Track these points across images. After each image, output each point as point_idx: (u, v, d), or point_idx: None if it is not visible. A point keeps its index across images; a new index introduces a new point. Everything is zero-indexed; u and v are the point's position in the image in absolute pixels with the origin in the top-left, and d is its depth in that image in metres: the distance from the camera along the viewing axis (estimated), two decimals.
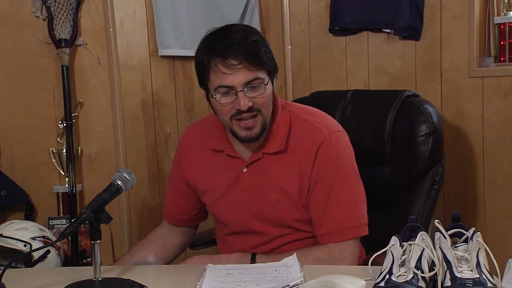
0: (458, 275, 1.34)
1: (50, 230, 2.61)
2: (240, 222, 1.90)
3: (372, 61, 2.90)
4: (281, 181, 1.83)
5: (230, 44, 1.72)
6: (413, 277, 1.35)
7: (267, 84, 1.75)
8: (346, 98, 2.31)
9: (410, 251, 1.40)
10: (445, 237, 1.44)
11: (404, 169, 2.12)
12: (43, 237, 2.32)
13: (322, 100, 2.36)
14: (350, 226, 1.78)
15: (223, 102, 1.75)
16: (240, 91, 1.72)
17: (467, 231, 1.47)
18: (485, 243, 1.41)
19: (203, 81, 1.80)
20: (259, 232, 1.88)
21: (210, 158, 1.93)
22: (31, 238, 2.27)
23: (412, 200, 2.12)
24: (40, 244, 2.24)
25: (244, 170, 1.87)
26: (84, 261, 2.70)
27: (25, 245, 2.23)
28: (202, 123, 2.04)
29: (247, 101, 1.73)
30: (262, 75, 1.75)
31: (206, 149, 1.94)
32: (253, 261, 1.79)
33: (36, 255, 2.24)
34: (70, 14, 2.68)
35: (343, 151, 1.82)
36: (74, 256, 2.67)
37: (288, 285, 1.50)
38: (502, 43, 2.78)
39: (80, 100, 2.76)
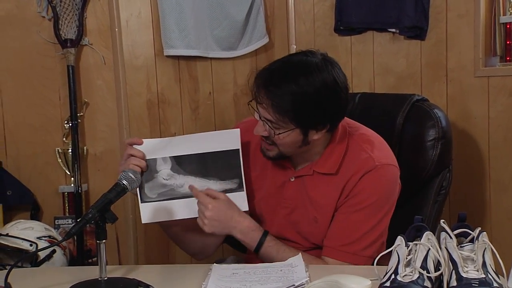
0: (464, 275, 1.34)
1: (56, 230, 2.62)
2: (275, 227, 1.90)
3: (378, 60, 2.90)
4: (322, 201, 1.83)
5: (264, 80, 1.71)
6: (418, 277, 1.35)
7: (286, 134, 1.73)
8: (354, 101, 2.31)
9: (415, 251, 1.40)
10: (451, 237, 1.44)
11: (412, 173, 2.11)
12: (49, 236, 2.32)
13: None
14: (353, 252, 1.78)
15: (255, 117, 1.79)
16: (260, 120, 1.75)
17: (473, 231, 1.46)
18: (491, 243, 1.41)
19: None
20: (291, 241, 1.89)
21: (260, 158, 1.93)
22: (37, 238, 2.27)
23: (419, 205, 2.11)
24: (46, 244, 2.24)
25: (292, 180, 1.88)
26: (90, 260, 2.71)
27: (31, 245, 2.23)
28: (255, 121, 2.04)
29: (262, 130, 1.76)
30: (287, 124, 1.71)
31: (258, 151, 1.93)
32: (263, 238, 1.80)
33: (42, 254, 2.24)
34: (76, 14, 2.69)
35: (385, 185, 1.81)
36: (80, 256, 2.68)
37: (294, 285, 1.50)
38: (508, 42, 2.77)
39: (86, 100, 2.77)
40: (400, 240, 1.45)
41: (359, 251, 1.77)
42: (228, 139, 1.82)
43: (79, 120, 2.72)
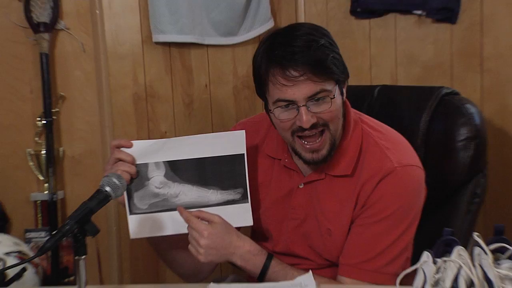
0: None
1: (27, 244, 2.62)
2: (284, 242, 1.92)
3: (401, 48, 2.90)
4: (336, 209, 1.84)
5: (291, 52, 1.69)
6: None
7: (334, 97, 1.74)
8: (372, 94, 2.31)
9: (445, 268, 1.41)
10: (486, 253, 1.44)
11: (439, 179, 2.11)
12: (19, 252, 2.32)
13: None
14: (372, 269, 1.78)
15: (283, 118, 1.76)
16: (303, 105, 1.72)
17: (511, 246, 1.47)
18: None
19: (261, 91, 1.81)
20: (302, 257, 1.90)
21: (263, 163, 1.94)
22: (5, 254, 2.27)
23: (448, 216, 2.11)
24: (16, 261, 2.24)
25: (301, 186, 1.89)
26: (67, 280, 2.71)
27: None
28: (257, 121, 2.04)
29: (310, 117, 1.72)
30: (329, 86, 1.73)
31: (260, 153, 1.95)
32: (267, 262, 1.81)
33: (10, 273, 2.24)
34: None
35: (408, 191, 1.80)
36: (55, 274, 2.69)
37: None
38: None
39: (62, 94, 2.78)
40: (426, 256, 1.46)
41: (380, 268, 1.78)
42: (231, 142, 1.83)
43: (54, 117, 2.73)
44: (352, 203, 1.81)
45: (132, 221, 1.84)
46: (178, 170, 1.83)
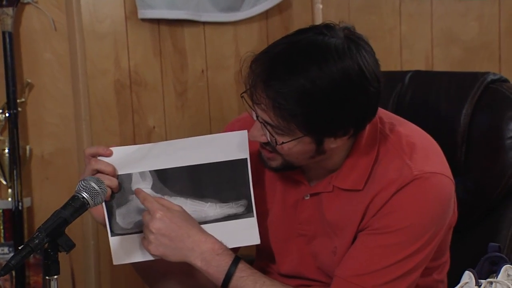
0: None
1: None
2: (290, 262, 1.91)
3: (438, 25, 2.90)
4: (342, 225, 1.83)
5: (267, 73, 1.68)
6: None
7: (294, 143, 1.71)
8: (403, 82, 2.31)
9: None
10: None
11: (483, 184, 2.11)
12: None
13: None
14: (364, 286, 1.76)
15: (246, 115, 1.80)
16: (257, 121, 1.74)
17: None
18: None
19: None
20: (311, 279, 1.90)
21: (265, 174, 1.94)
22: None
23: (494, 228, 2.11)
24: None
25: (307, 198, 1.89)
26: None
27: None
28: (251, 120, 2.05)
29: (260, 135, 1.75)
30: (294, 131, 1.69)
31: (259, 159, 1.92)
32: (233, 265, 1.78)
33: None
34: None
35: (431, 205, 1.77)
36: None
37: None
38: None
39: (29, 81, 2.78)
40: (468, 276, 1.46)
41: (378, 286, 1.76)
42: (231, 145, 1.82)
43: (19, 109, 2.73)
44: (358, 217, 1.80)
45: (115, 243, 1.82)
46: (168, 180, 1.82)
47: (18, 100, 2.72)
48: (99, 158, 1.80)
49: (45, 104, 2.80)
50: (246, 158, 1.82)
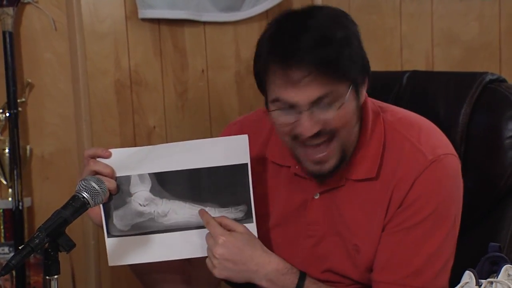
0: None
1: None
2: (297, 265, 1.89)
3: (438, 25, 2.90)
4: (363, 220, 1.83)
5: (296, 49, 1.66)
6: None
7: (345, 101, 1.70)
8: (401, 82, 2.31)
9: None
10: None
11: (483, 183, 2.11)
12: None
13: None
14: (422, 284, 1.77)
15: (281, 122, 1.74)
16: (305, 110, 1.69)
17: None
18: None
19: (261, 84, 1.79)
20: (322, 281, 1.89)
21: (268, 172, 1.93)
22: None
23: (494, 228, 2.11)
24: None
25: (316, 197, 1.88)
26: None
27: None
28: (256, 119, 2.02)
29: (313, 123, 1.69)
30: (341, 89, 1.70)
31: (263, 160, 1.93)
32: (300, 283, 1.80)
33: None
34: None
35: (448, 185, 1.81)
36: None
37: None
38: None
39: (29, 81, 2.78)
40: (468, 276, 1.46)
41: (429, 282, 1.77)
42: (231, 150, 1.81)
43: (19, 109, 2.73)
44: (382, 210, 1.80)
45: (111, 245, 1.82)
46: (166, 183, 1.82)
47: (18, 100, 2.73)
48: (98, 159, 1.80)
49: (46, 104, 2.81)
50: (247, 163, 1.81)
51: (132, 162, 1.80)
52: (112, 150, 1.80)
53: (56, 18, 2.76)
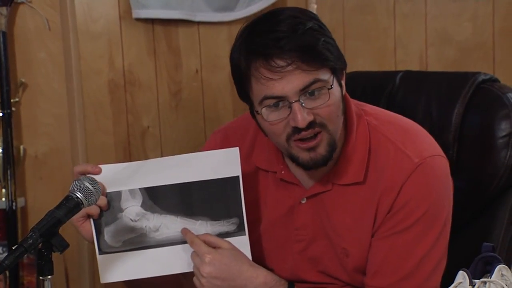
0: None
1: None
2: (289, 269, 1.91)
3: (432, 25, 2.90)
4: (351, 225, 1.83)
5: (275, 38, 1.68)
6: None
7: (331, 88, 1.72)
8: (394, 82, 2.31)
9: None
10: None
11: (476, 183, 2.11)
12: None
13: (360, 84, 2.36)
14: (416, 286, 1.78)
15: (272, 120, 1.73)
16: (295, 101, 1.70)
17: None
18: None
19: (244, 92, 1.79)
20: (312, 282, 1.90)
21: (254, 178, 1.93)
22: None
23: (486, 228, 2.11)
24: None
25: (303, 202, 1.88)
26: None
27: None
28: (241, 124, 2.02)
29: (305, 114, 1.70)
30: (324, 75, 1.72)
31: (249, 166, 1.93)
32: None
33: None
34: None
35: (437, 187, 1.81)
36: None
37: None
38: None
39: (23, 80, 2.78)
40: (462, 276, 1.46)
41: (421, 283, 1.78)
42: (222, 162, 1.81)
43: (13, 109, 2.73)
44: (370, 214, 1.81)
45: (103, 262, 1.81)
46: (158, 198, 1.81)
47: (12, 100, 2.73)
48: (89, 176, 1.78)
49: (39, 103, 2.80)
50: (238, 176, 1.80)
51: (122, 177, 1.80)
52: (102, 166, 1.79)
53: (49, 17, 2.76)
